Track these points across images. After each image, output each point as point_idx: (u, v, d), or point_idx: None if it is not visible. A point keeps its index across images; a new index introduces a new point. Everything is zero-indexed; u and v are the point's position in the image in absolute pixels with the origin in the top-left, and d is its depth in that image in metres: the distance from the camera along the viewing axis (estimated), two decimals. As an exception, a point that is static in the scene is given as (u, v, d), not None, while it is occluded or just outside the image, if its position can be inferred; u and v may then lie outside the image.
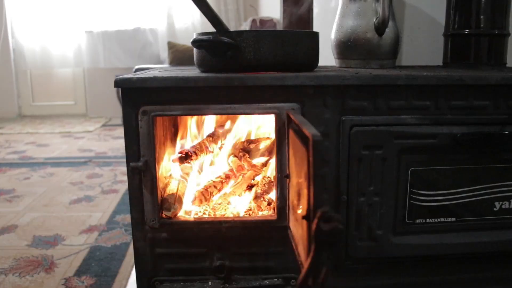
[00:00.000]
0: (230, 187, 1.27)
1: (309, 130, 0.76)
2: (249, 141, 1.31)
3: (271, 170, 1.27)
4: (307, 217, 0.78)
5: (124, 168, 3.09)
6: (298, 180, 0.91)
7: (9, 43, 5.80)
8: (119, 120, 5.46)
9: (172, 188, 1.19)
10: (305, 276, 0.76)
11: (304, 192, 0.81)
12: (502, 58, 1.40)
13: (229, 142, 1.32)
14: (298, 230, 0.92)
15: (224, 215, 1.20)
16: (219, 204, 1.23)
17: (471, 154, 1.12)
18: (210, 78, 1.06)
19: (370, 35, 1.31)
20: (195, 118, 1.32)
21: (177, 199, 1.15)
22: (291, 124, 1.02)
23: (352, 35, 1.33)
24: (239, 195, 1.26)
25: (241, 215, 1.20)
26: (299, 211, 0.89)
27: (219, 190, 1.25)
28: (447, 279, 1.21)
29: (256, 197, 1.23)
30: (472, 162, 1.13)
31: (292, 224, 1.03)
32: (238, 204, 1.23)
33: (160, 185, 1.14)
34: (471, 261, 1.21)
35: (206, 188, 1.21)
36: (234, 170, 1.27)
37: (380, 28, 1.30)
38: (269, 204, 1.21)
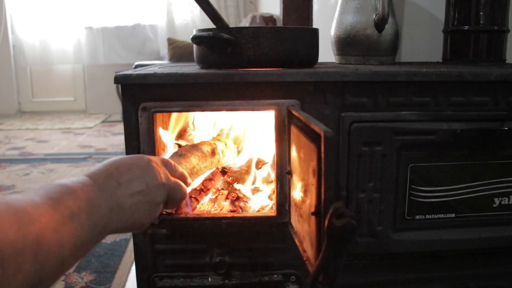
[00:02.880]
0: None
1: (320, 127, 0.76)
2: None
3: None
4: (317, 213, 0.78)
5: (124, 165, 3.08)
6: (303, 177, 0.91)
7: (9, 39, 5.80)
8: (119, 116, 5.47)
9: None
10: (315, 273, 0.76)
11: (312, 188, 0.81)
12: (501, 54, 1.40)
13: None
14: (303, 227, 0.92)
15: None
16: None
17: (470, 150, 1.12)
18: (210, 75, 1.06)
19: (369, 31, 1.31)
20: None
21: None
22: (292, 120, 1.02)
23: (352, 32, 1.33)
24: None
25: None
26: (306, 207, 0.89)
27: (209, 189, 1.24)
28: (447, 275, 1.22)
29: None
30: (472, 158, 1.13)
31: (295, 220, 1.03)
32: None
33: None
34: (470, 257, 1.21)
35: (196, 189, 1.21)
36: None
37: (379, 25, 1.30)
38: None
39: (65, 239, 0.62)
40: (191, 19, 5.79)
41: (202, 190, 1.21)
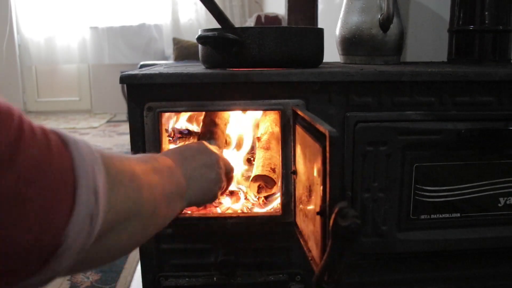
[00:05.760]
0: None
1: (324, 126, 0.77)
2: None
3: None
4: (322, 213, 0.79)
5: (129, 164, 3.09)
6: (308, 176, 0.92)
7: (14, 39, 5.82)
8: (124, 116, 5.48)
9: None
10: (321, 272, 0.76)
11: (317, 188, 0.82)
12: (506, 54, 1.40)
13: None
14: (308, 226, 0.92)
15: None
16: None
17: (475, 150, 1.12)
18: (215, 75, 1.07)
19: (374, 31, 1.31)
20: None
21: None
22: (298, 120, 1.02)
23: (357, 32, 1.33)
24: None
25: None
26: (311, 207, 0.90)
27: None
28: (452, 275, 1.21)
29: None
30: (477, 158, 1.13)
31: (300, 220, 1.03)
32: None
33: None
34: (475, 257, 1.21)
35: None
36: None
37: (384, 25, 1.30)
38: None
39: (153, 184, 0.68)
40: (196, 19, 5.79)
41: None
